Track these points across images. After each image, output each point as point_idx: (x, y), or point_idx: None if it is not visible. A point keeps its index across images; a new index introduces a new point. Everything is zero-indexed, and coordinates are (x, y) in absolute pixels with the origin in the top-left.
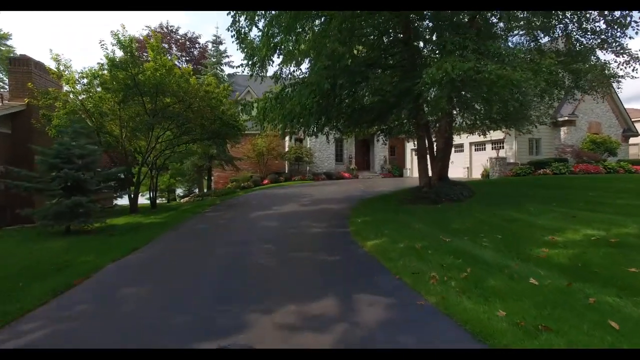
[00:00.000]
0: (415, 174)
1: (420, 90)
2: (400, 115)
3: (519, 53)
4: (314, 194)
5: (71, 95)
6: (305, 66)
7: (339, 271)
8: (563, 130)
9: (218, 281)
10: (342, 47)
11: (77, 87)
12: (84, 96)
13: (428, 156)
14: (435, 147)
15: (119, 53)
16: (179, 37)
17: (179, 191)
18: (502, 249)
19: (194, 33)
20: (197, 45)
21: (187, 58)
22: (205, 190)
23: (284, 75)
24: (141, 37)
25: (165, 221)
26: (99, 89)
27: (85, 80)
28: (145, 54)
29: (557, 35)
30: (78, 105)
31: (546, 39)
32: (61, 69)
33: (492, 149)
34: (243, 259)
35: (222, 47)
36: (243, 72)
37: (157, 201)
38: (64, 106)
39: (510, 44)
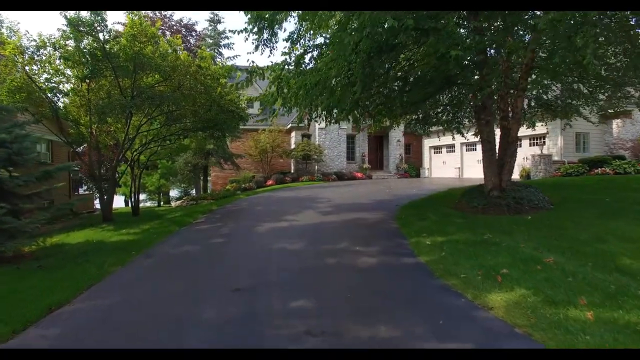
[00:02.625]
0: (436, 174)
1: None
2: (460, 91)
3: None
4: (332, 197)
5: (19, 67)
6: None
7: None
8: (616, 123)
9: None
10: None
11: (28, 58)
12: (36, 68)
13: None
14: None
15: (85, 13)
16: (173, 22)
17: (174, 193)
18: None
19: (190, 19)
20: (193, 33)
21: (183, 47)
22: (201, 192)
23: (303, 42)
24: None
25: (138, 238)
26: (59, 63)
27: (41, 51)
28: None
29: None
30: (25, 81)
31: None
32: (5, 33)
33: (532, 145)
34: (255, 336)
35: (220, 27)
36: (246, 39)
37: (145, 205)
38: (4, 80)
39: None
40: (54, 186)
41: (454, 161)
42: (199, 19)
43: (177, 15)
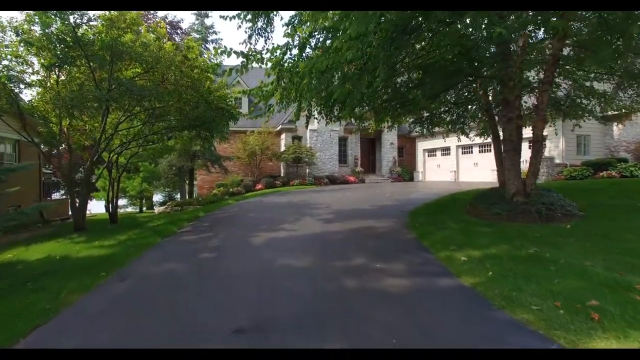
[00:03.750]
0: (430, 177)
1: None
2: (471, 87)
3: None
4: (329, 202)
5: None
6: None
7: None
8: (617, 125)
9: None
10: None
11: None
12: None
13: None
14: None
15: None
16: (157, 20)
17: (158, 197)
18: None
19: (175, 16)
20: (179, 31)
21: (168, 37)
22: (186, 197)
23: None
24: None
25: (112, 253)
26: (22, 50)
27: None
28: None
29: None
30: None
31: None
32: None
33: (531, 148)
34: None
35: (208, 21)
36: (239, 26)
37: (126, 211)
38: None
39: None
40: (5, 191)
41: (449, 164)
42: (185, 16)
43: (162, 12)
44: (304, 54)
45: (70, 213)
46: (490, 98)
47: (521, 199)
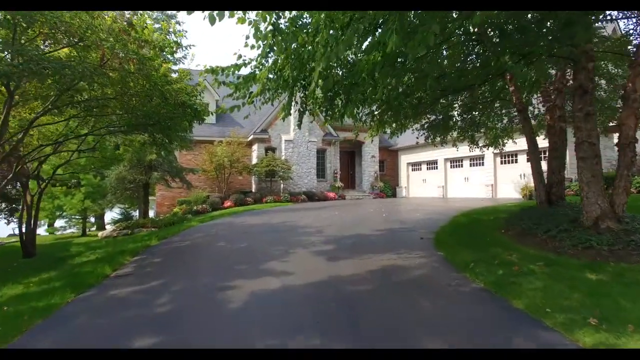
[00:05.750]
0: (415, 193)
1: None
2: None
3: None
4: (318, 225)
5: None
6: None
7: None
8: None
9: None
10: None
11: None
12: None
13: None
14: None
15: None
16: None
17: (113, 215)
18: None
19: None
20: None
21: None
22: (140, 217)
23: None
24: None
25: None
26: None
27: None
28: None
29: None
30: None
31: None
32: None
33: (529, 161)
34: None
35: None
36: None
37: (64, 234)
38: None
39: None
40: None
41: (436, 179)
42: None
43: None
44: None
45: None
46: (525, 95)
47: (612, 225)
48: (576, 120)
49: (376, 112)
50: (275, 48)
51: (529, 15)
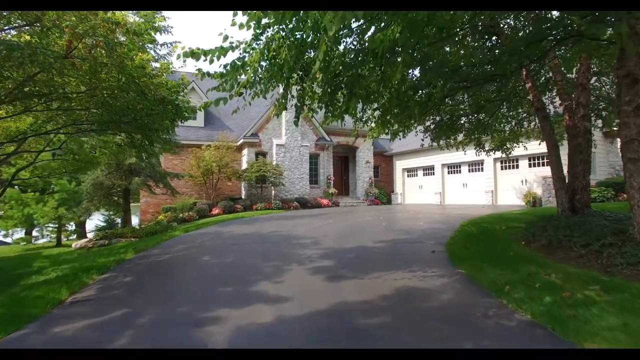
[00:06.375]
0: (410, 200)
1: None
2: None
3: None
4: (315, 236)
5: None
6: None
7: None
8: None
9: None
10: None
11: None
12: None
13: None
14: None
15: None
16: None
17: (96, 221)
18: None
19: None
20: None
21: None
22: (120, 226)
23: None
24: None
25: None
26: None
27: None
28: None
29: None
30: None
31: None
32: None
33: (532, 166)
34: None
35: None
36: None
37: (37, 243)
38: None
39: None
40: None
41: (433, 185)
42: None
43: None
44: None
45: None
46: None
47: None
48: (622, 115)
49: (381, 110)
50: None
51: None
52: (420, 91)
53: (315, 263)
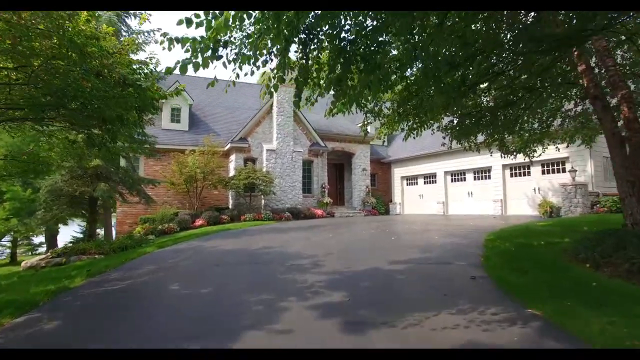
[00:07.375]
0: (410, 210)
1: None
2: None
3: None
4: (315, 254)
5: None
6: None
7: None
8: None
9: None
10: None
11: None
12: None
13: None
14: None
15: None
16: None
17: (71, 231)
18: None
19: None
20: None
21: None
22: (89, 239)
23: None
24: None
25: None
26: None
27: None
28: None
29: None
30: None
31: None
32: None
33: (545, 173)
34: None
35: None
36: None
37: None
38: None
39: None
40: None
41: (435, 194)
42: None
43: None
44: None
45: None
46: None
47: None
48: None
49: (398, 100)
50: None
51: None
52: (456, 71)
53: (320, 297)
